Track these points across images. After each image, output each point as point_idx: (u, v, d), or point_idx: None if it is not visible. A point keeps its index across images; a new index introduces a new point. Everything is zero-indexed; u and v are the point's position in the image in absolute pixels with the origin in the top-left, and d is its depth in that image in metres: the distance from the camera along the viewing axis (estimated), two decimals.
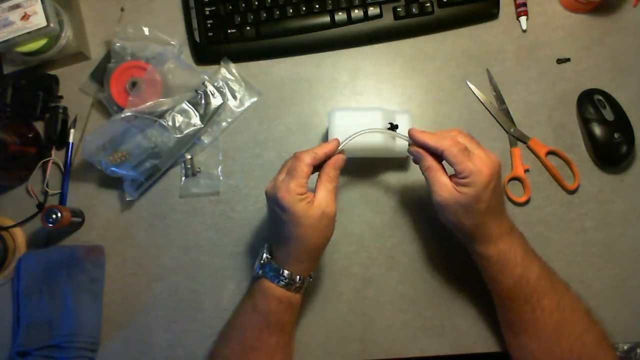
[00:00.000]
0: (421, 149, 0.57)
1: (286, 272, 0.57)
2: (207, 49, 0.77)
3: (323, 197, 0.56)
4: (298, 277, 0.58)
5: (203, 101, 0.74)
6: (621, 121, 0.69)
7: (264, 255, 0.60)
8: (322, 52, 0.76)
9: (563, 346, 0.55)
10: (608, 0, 0.73)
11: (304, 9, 0.74)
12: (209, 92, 0.74)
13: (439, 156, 0.56)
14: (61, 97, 0.78)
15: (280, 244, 0.58)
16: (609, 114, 0.69)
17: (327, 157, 0.57)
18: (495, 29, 0.75)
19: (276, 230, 0.58)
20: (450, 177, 0.55)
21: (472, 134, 0.71)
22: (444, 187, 0.55)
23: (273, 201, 0.56)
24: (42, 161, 0.75)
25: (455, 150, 0.54)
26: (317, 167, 0.58)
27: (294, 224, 0.55)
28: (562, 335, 0.55)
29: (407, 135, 0.58)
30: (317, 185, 0.57)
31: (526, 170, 0.70)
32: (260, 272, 0.59)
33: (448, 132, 0.57)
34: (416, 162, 0.58)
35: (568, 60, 0.73)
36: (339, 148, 0.58)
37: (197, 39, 0.77)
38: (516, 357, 0.60)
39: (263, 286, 0.58)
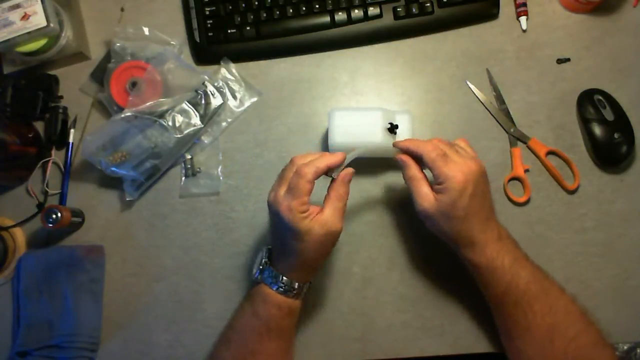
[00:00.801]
0: (406, 157, 0.59)
1: (285, 279, 0.57)
2: (207, 49, 0.77)
3: (330, 215, 0.55)
4: (297, 284, 0.58)
5: (203, 101, 0.74)
6: (621, 121, 0.69)
7: (263, 260, 0.59)
8: (322, 52, 0.76)
9: (557, 349, 0.55)
10: (608, 0, 0.73)
11: (304, 9, 0.74)
12: (209, 92, 0.74)
13: (422, 164, 0.58)
14: (61, 97, 0.78)
15: (281, 254, 0.58)
16: (609, 114, 0.69)
17: (331, 168, 0.57)
18: (495, 29, 0.75)
19: (278, 241, 0.58)
20: (431, 186, 0.57)
21: (472, 133, 0.72)
22: (424, 197, 0.56)
23: (275, 215, 0.55)
24: (42, 161, 0.75)
25: (434, 155, 0.56)
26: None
27: (296, 240, 0.54)
28: (556, 338, 0.55)
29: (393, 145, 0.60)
30: (326, 201, 0.57)
31: (526, 170, 0.70)
32: (259, 277, 0.59)
33: (430, 140, 0.58)
34: (400, 167, 0.60)
35: (568, 60, 0.73)
36: (346, 162, 0.58)
37: (197, 39, 0.77)
38: None
39: (263, 292, 0.58)
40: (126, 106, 0.71)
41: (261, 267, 0.59)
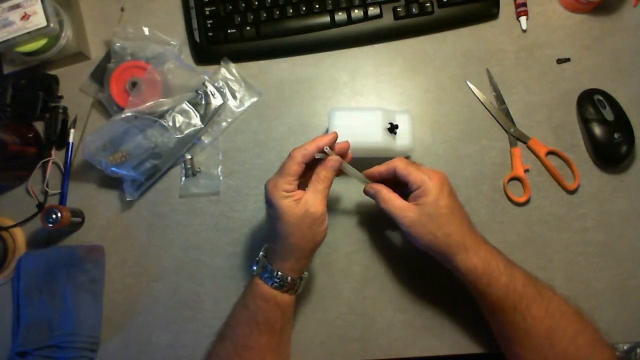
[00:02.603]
0: (374, 185, 0.61)
1: (275, 270, 0.58)
2: (207, 49, 0.77)
3: (309, 196, 0.56)
4: (289, 277, 0.58)
5: (203, 101, 0.74)
6: (621, 121, 0.69)
7: (260, 253, 0.61)
8: (322, 52, 0.76)
9: (557, 351, 0.55)
10: (608, 0, 0.73)
11: (304, 9, 0.74)
12: (209, 92, 0.74)
13: (393, 185, 0.60)
14: (61, 97, 0.78)
15: (270, 240, 0.59)
16: (609, 114, 0.69)
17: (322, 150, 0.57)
18: (495, 29, 0.75)
19: (269, 228, 0.59)
20: (407, 200, 0.58)
21: (472, 133, 0.72)
22: (406, 208, 0.57)
23: (265, 195, 0.57)
24: (42, 161, 0.75)
25: (405, 164, 0.59)
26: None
27: (278, 220, 0.56)
28: (555, 340, 0.55)
29: (363, 176, 0.62)
30: (309, 184, 0.57)
31: (526, 170, 0.70)
32: (254, 269, 0.60)
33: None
34: (373, 197, 0.61)
35: (568, 60, 0.73)
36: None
37: (197, 39, 0.77)
38: None
39: (253, 284, 0.59)
40: (126, 106, 0.71)
41: (257, 259, 0.60)
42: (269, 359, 0.60)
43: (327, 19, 0.74)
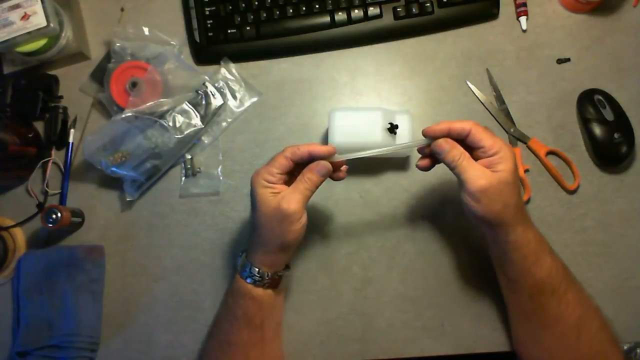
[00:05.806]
0: (446, 139, 0.54)
1: (249, 264, 0.58)
2: (207, 49, 0.77)
3: (287, 192, 0.55)
4: (259, 270, 0.58)
5: (204, 101, 0.74)
6: (621, 121, 0.69)
7: (242, 250, 0.62)
8: (322, 52, 0.76)
9: (582, 342, 0.54)
10: (608, 0, 0.73)
11: (304, 9, 0.74)
12: (209, 93, 0.74)
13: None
14: (61, 97, 0.78)
15: (252, 233, 0.60)
16: (609, 114, 0.69)
17: (315, 159, 0.56)
18: (495, 29, 0.75)
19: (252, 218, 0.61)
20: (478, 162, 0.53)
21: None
22: (481, 173, 0.52)
23: (250, 185, 0.58)
24: (42, 161, 0.75)
25: (482, 128, 0.53)
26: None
27: (253, 207, 0.57)
28: (582, 331, 0.55)
29: (422, 136, 0.56)
30: (293, 182, 0.57)
31: (526, 170, 0.70)
32: (237, 266, 0.61)
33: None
34: (444, 153, 0.54)
35: (568, 60, 0.73)
36: (336, 158, 0.57)
37: (197, 39, 0.77)
38: (526, 354, 0.60)
39: (234, 281, 0.60)
40: (126, 106, 0.71)
41: (240, 254, 0.61)
42: (252, 354, 0.61)
43: (327, 19, 0.74)
